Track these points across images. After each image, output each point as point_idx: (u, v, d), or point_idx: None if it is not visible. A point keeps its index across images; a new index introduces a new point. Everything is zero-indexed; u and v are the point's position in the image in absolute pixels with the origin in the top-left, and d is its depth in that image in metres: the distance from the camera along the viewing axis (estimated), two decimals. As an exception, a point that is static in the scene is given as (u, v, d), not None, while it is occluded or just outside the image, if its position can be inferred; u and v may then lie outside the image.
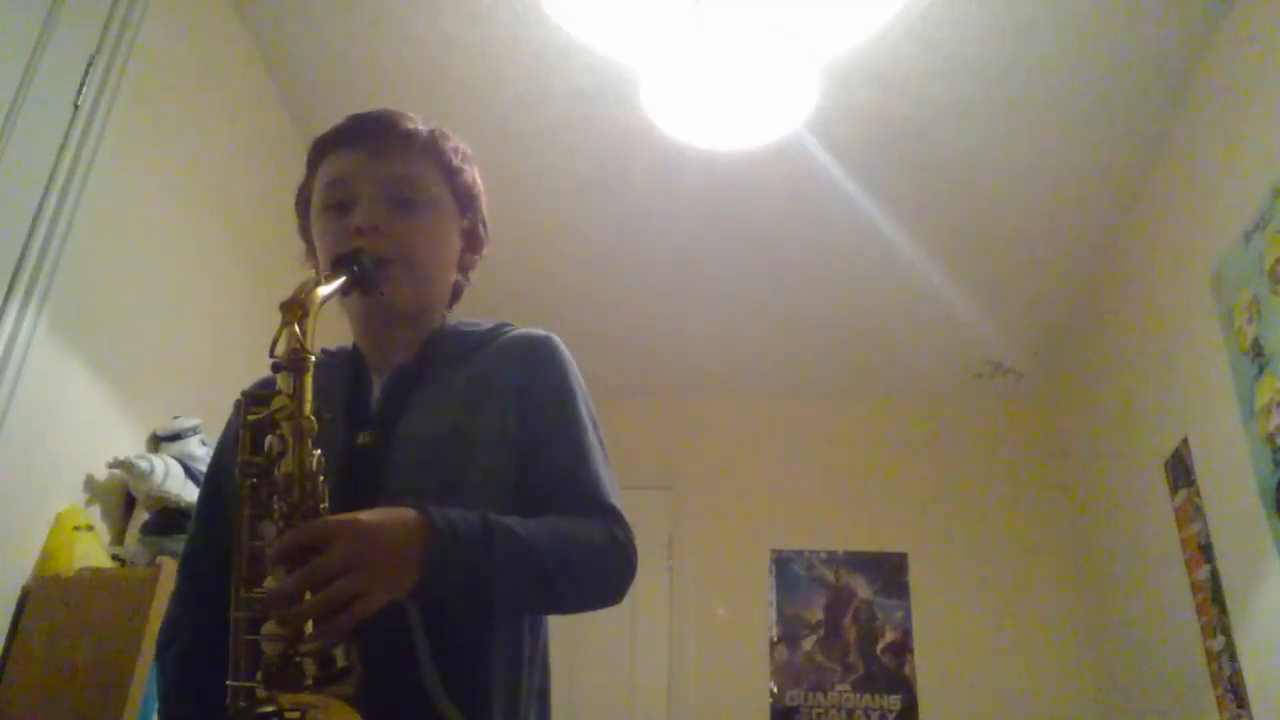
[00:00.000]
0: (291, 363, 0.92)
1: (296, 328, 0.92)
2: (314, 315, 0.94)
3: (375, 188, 1.13)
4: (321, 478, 0.91)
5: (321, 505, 0.90)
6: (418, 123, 1.19)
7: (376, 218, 1.11)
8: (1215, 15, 2.49)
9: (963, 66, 2.68)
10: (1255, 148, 2.37)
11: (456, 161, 1.21)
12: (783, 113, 2.66)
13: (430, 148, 1.19)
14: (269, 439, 0.92)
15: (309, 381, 0.92)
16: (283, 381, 0.92)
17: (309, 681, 0.84)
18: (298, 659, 0.84)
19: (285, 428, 0.91)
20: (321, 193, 1.17)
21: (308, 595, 0.84)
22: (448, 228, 1.20)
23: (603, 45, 2.64)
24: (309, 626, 0.85)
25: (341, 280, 1.01)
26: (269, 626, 0.85)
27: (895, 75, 2.71)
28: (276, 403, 0.92)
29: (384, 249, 1.09)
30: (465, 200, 1.22)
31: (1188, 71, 2.65)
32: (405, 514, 0.91)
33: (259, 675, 0.86)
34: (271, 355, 0.93)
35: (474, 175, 1.24)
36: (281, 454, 0.91)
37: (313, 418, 0.92)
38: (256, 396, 0.99)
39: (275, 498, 0.90)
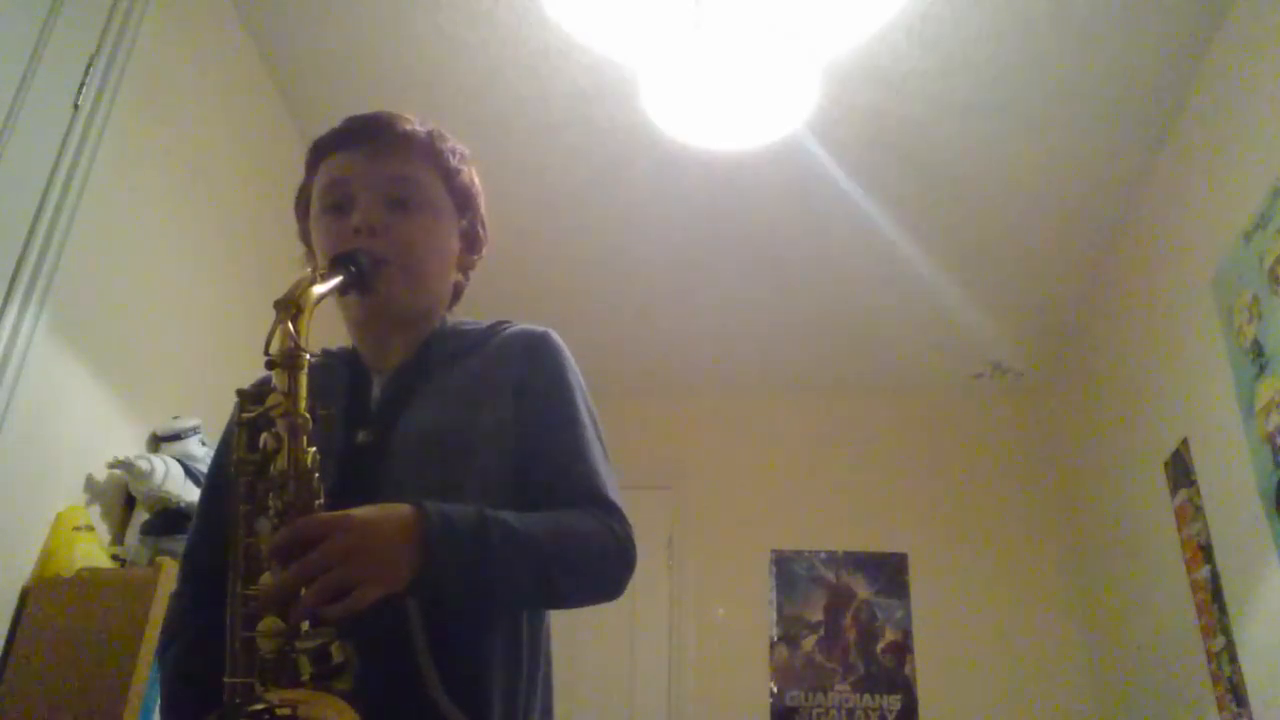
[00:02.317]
0: (286, 360, 0.92)
1: (290, 325, 0.93)
2: (308, 313, 0.95)
3: (373, 189, 1.14)
4: (316, 474, 0.91)
5: (317, 502, 0.90)
6: (415, 124, 1.20)
7: (375, 218, 1.12)
8: (1215, 15, 2.49)
9: (963, 66, 2.68)
10: (1255, 148, 2.37)
11: (454, 162, 1.21)
12: (783, 113, 2.66)
13: (428, 149, 1.19)
14: (264, 436, 0.92)
15: (303, 379, 0.93)
16: (278, 379, 0.92)
17: (305, 678, 0.84)
18: (293, 655, 0.84)
19: (280, 424, 0.91)
20: (320, 195, 1.17)
21: (303, 592, 0.84)
22: (446, 228, 1.20)
23: (603, 45, 2.64)
24: (305, 623, 0.85)
25: (337, 279, 1.02)
26: (265, 623, 0.85)
27: (895, 75, 2.71)
28: (271, 400, 0.92)
29: (382, 250, 1.10)
30: (463, 201, 1.22)
31: (1187, 72, 2.65)
32: (401, 509, 0.92)
33: (255, 672, 0.86)
34: (266, 353, 0.93)
35: (472, 176, 1.24)
36: (276, 451, 0.91)
37: (307, 415, 0.92)
38: (252, 394, 0.99)
39: (270, 494, 0.91)
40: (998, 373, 4.20)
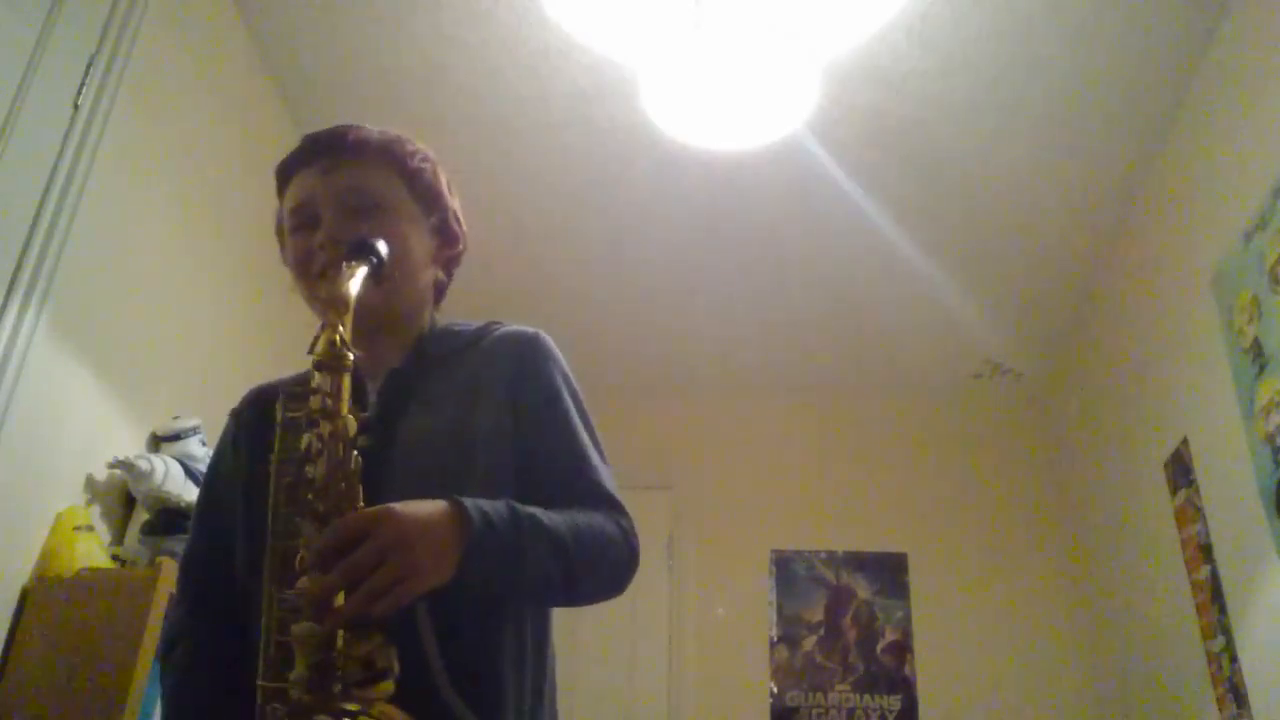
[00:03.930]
0: (332, 361, 0.92)
1: (340, 326, 0.92)
2: (351, 312, 0.94)
3: (334, 202, 1.14)
4: (359, 477, 0.91)
5: (358, 505, 0.90)
6: (370, 132, 1.20)
7: (339, 231, 1.12)
8: (1215, 16, 2.49)
9: (963, 66, 2.68)
10: (1255, 148, 2.37)
11: (413, 163, 1.20)
12: (783, 113, 2.66)
13: (383, 152, 1.19)
14: (307, 437, 0.92)
15: (347, 381, 0.92)
16: (321, 380, 0.92)
17: (344, 685, 0.83)
18: (340, 660, 0.84)
19: (323, 427, 0.91)
20: (289, 217, 1.19)
21: (340, 597, 0.84)
22: (413, 228, 1.19)
23: (603, 45, 2.64)
24: (343, 628, 0.84)
25: (364, 270, 1.00)
26: (303, 626, 0.84)
27: (895, 75, 2.71)
28: (314, 401, 0.92)
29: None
30: (428, 199, 1.22)
31: (1188, 71, 2.65)
32: (436, 503, 0.92)
33: (300, 674, 0.85)
34: (311, 353, 0.93)
35: (435, 172, 1.23)
36: (320, 453, 0.90)
37: (350, 418, 0.92)
38: (294, 393, 0.99)
39: (312, 496, 0.90)
40: (998, 373, 4.20)
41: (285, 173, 1.20)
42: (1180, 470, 2.85)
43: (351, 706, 0.82)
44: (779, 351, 4.12)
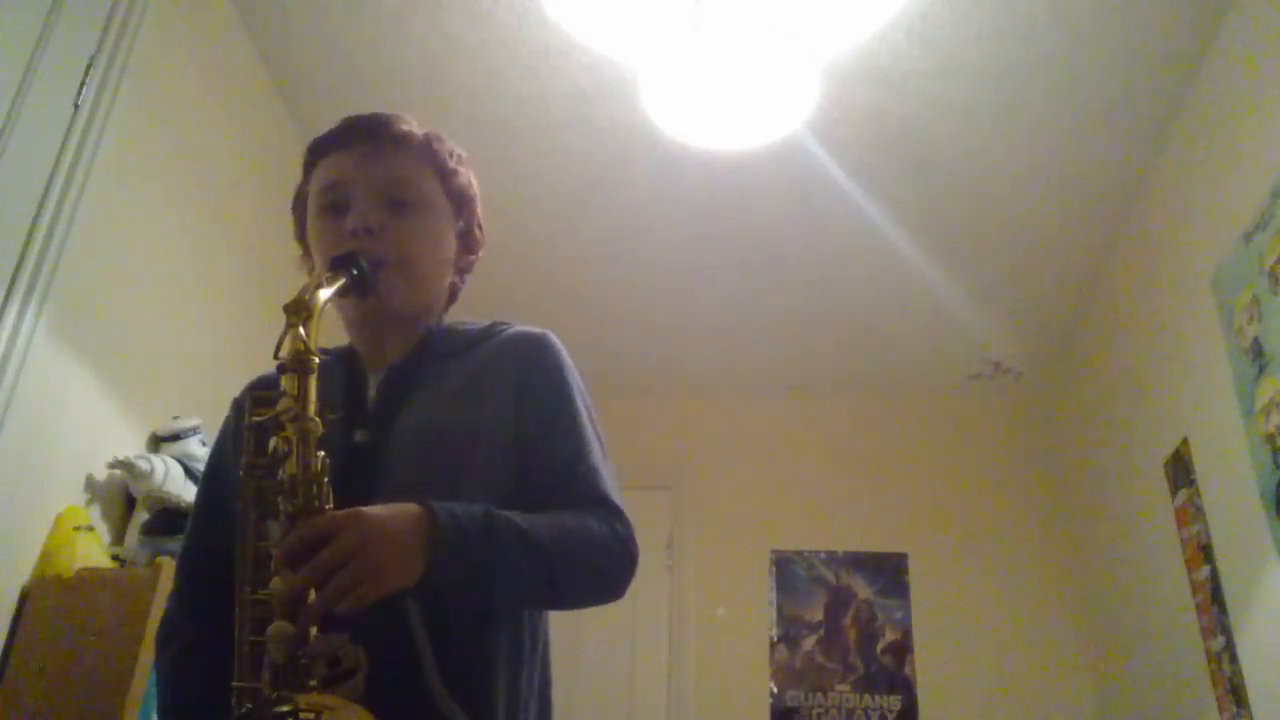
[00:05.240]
0: (296, 364, 0.92)
1: (301, 330, 0.93)
2: (317, 317, 0.94)
3: (370, 189, 1.13)
4: (326, 479, 0.91)
5: (327, 506, 0.91)
6: (413, 125, 1.19)
7: (372, 219, 1.11)
8: (1215, 15, 2.49)
9: (963, 67, 2.68)
10: (1255, 148, 2.37)
11: (451, 163, 1.21)
12: (783, 113, 2.66)
13: (425, 150, 1.19)
14: (274, 440, 0.92)
15: (314, 383, 0.93)
16: (287, 382, 0.92)
17: (314, 682, 0.84)
18: (304, 659, 0.84)
19: (290, 429, 0.91)
20: (317, 196, 1.17)
21: (312, 593, 0.84)
22: (443, 229, 1.20)
23: (603, 45, 2.64)
24: (314, 627, 0.85)
25: (340, 283, 1.02)
26: (275, 627, 0.85)
27: (895, 75, 2.71)
28: (282, 404, 0.92)
29: (380, 251, 1.09)
30: (460, 202, 1.22)
31: (1187, 71, 2.65)
32: (408, 507, 0.92)
33: (265, 676, 0.86)
34: (276, 356, 0.93)
35: (469, 177, 1.24)
36: (287, 455, 0.91)
37: (317, 419, 0.92)
38: (260, 398, 0.99)
39: (280, 499, 0.90)
40: (998, 373, 4.20)
41: (320, 150, 1.19)
42: (1180, 470, 2.85)
43: (285, 708, 0.82)
44: (779, 351, 4.12)
